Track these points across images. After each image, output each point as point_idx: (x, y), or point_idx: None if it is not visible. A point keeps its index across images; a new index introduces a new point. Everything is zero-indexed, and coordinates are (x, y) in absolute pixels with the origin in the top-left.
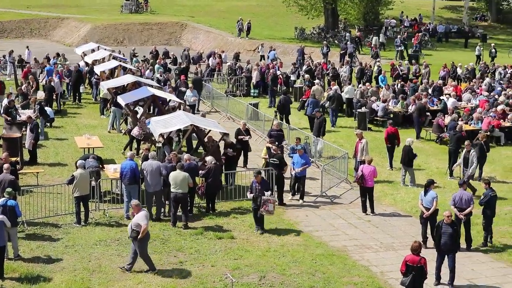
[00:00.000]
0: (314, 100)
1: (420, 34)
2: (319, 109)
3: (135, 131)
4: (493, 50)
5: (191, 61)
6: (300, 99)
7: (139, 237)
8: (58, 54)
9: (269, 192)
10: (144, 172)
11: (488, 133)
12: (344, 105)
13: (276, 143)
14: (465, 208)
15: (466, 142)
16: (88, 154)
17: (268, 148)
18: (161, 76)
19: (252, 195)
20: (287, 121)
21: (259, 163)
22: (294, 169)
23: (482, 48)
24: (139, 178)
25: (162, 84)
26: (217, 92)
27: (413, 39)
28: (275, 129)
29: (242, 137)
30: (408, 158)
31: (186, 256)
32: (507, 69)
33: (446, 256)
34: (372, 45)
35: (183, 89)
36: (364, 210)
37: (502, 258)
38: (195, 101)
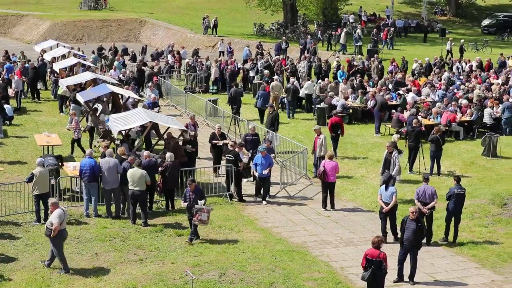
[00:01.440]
0: (264, 92)
1: (392, 29)
2: (272, 104)
3: (75, 134)
4: (462, 46)
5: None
6: None
7: (51, 235)
8: (6, 52)
9: (203, 201)
10: (102, 169)
11: (447, 128)
12: (303, 100)
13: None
14: (428, 202)
15: (388, 144)
16: (49, 155)
17: (225, 144)
18: (123, 76)
19: (186, 204)
20: (238, 113)
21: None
22: (257, 171)
23: (452, 43)
24: (99, 176)
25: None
26: (176, 89)
27: (382, 34)
28: (250, 133)
29: (216, 141)
30: None
31: (146, 253)
32: (463, 63)
33: (409, 252)
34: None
35: (155, 91)
36: (324, 205)
37: (462, 252)
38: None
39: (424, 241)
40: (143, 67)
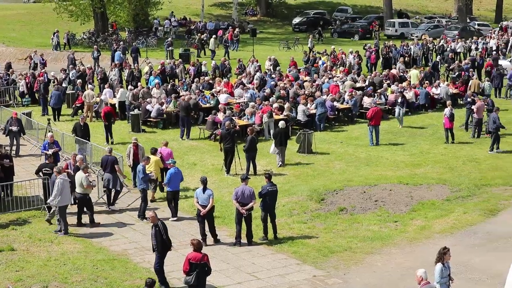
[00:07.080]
0: (56, 92)
1: (238, 30)
2: (84, 116)
3: None
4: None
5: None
6: (73, 105)
7: None
8: None
9: None
10: None
11: (259, 128)
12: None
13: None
14: (247, 202)
15: (116, 168)
16: None
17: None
18: None
19: None
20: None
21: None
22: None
23: (312, 41)
24: None
25: None
26: None
27: (227, 35)
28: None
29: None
30: (284, 139)
31: None
32: (254, 63)
33: None
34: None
35: (14, 128)
36: (162, 189)
37: (283, 249)
38: None
39: (245, 241)
40: None
